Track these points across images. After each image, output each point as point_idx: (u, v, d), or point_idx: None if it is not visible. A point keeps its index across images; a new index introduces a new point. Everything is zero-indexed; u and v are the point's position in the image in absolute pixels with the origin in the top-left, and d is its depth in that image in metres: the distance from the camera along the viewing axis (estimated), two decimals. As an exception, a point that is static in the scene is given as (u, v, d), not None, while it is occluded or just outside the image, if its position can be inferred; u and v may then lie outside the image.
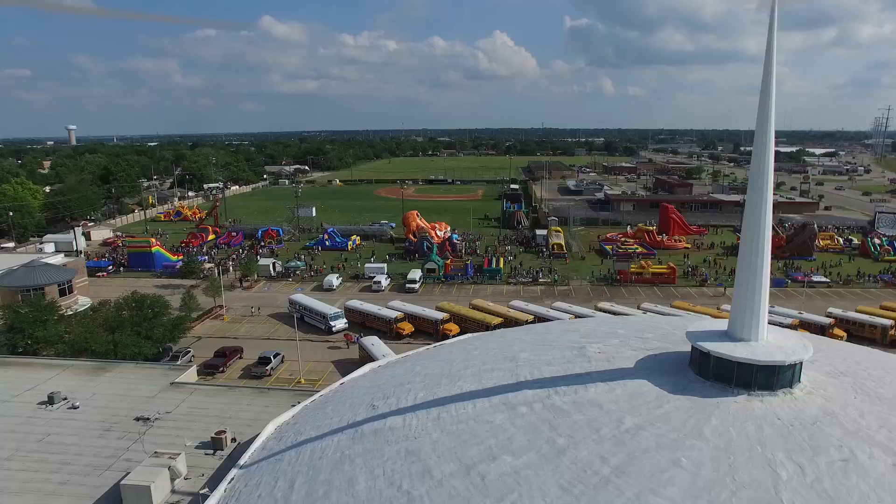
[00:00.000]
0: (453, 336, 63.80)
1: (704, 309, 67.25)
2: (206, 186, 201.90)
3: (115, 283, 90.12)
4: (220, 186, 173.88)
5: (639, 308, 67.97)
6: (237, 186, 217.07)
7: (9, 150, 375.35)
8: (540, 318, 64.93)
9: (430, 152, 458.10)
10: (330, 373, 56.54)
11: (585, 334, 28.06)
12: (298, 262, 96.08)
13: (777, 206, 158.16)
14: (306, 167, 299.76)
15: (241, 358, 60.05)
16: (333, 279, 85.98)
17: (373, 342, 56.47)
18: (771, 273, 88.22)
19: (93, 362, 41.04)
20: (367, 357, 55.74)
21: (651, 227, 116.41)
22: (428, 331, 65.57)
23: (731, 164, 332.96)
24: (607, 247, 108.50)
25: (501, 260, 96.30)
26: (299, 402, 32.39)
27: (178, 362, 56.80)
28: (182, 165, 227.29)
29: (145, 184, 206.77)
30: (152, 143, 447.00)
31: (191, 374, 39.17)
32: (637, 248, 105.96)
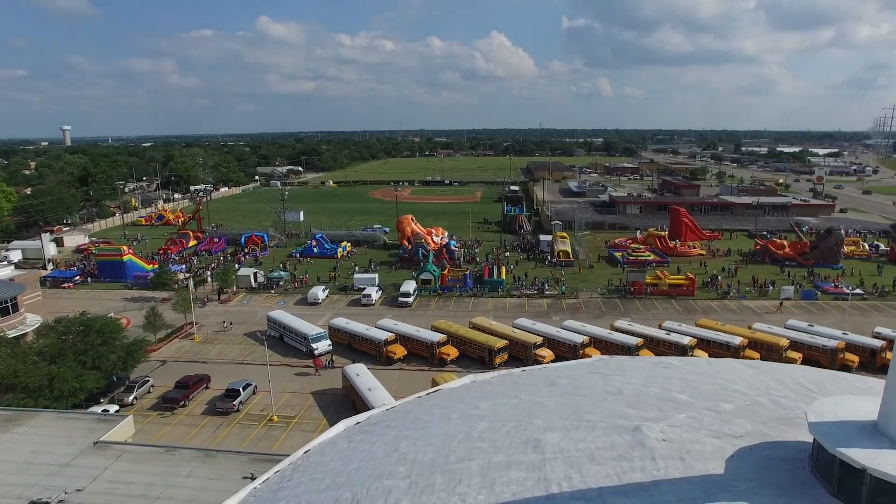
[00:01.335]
0: (451, 361, 56.41)
1: (734, 328, 59.69)
2: (191, 188, 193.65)
3: (80, 295, 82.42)
4: (205, 188, 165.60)
5: (660, 327, 60.37)
6: (226, 188, 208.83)
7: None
8: (550, 340, 57.49)
9: (426, 153, 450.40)
10: (308, 407, 48.85)
11: (633, 401, 20.31)
12: (282, 273, 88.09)
13: (791, 209, 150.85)
14: (300, 168, 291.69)
15: (207, 388, 52.26)
16: (319, 292, 78.11)
17: (358, 372, 48.65)
18: (798, 283, 78.62)
19: (3, 412, 33.22)
20: (350, 389, 48.14)
21: (663, 232, 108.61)
22: (423, 354, 57.80)
23: (735, 164, 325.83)
24: (616, 254, 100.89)
25: (503, 269, 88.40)
26: (252, 476, 24.92)
27: (134, 394, 49.38)
28: (169, 166, 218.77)
29: (131, 186, 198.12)
30: (147, 144, 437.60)
31: (124, 428, 31.43)
32: (650, 256, 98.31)
